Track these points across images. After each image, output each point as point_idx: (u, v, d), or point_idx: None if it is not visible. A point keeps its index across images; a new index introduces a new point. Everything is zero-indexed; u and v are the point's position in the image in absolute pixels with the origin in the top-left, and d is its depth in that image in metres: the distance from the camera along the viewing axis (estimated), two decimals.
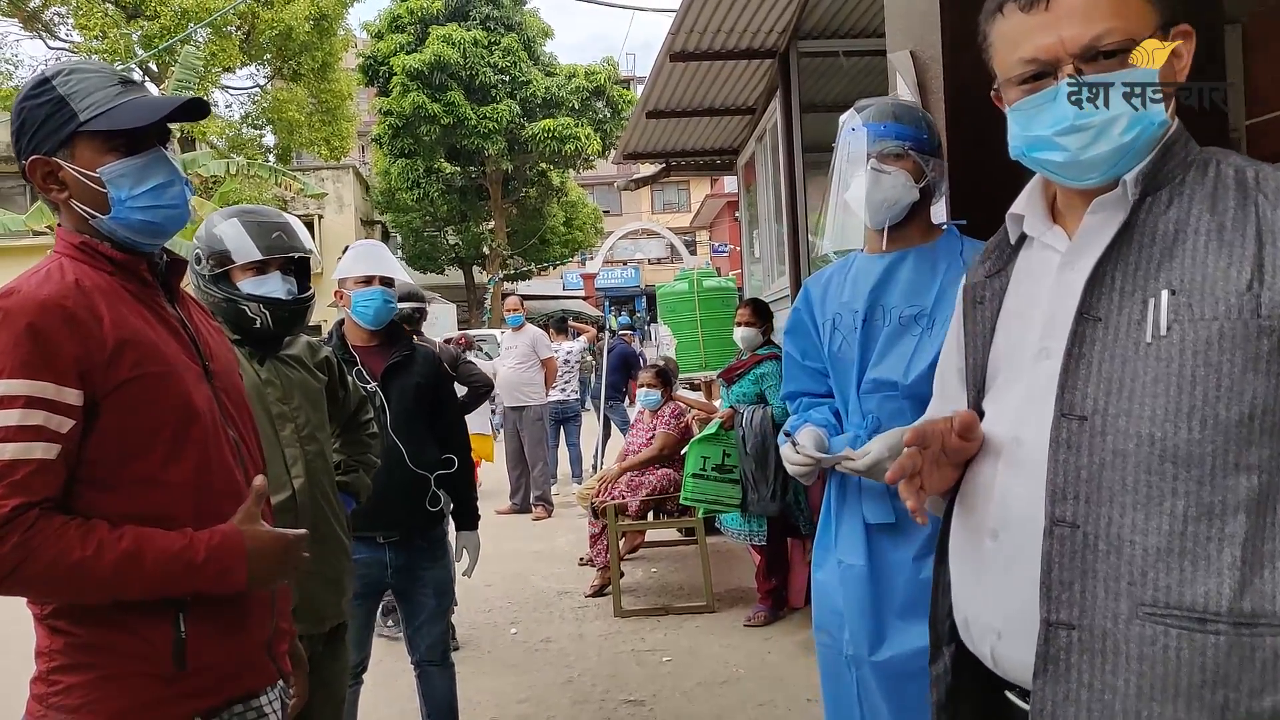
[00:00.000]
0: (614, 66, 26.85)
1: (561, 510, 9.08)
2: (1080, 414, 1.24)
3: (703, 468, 5.40)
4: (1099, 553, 1.20)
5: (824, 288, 2.53)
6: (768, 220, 8.26)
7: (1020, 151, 1.34)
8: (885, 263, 2.38)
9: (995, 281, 1.44)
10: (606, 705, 4.25)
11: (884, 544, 2.33)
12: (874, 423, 2.33)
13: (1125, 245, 1.26)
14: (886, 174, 2.32)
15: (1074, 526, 1.22)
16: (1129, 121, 1.24)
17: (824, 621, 2.49)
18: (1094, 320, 1.26)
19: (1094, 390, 1.24)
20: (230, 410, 1.65)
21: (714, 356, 8.53)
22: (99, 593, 1.42)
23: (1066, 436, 1.24)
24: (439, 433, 3.40)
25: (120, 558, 1.40)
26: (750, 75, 7.26)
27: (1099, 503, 1.21)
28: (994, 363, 1.42)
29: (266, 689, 1.65)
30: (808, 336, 2.56)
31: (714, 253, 34.00)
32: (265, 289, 2.38)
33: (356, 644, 3.12)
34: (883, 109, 2.40)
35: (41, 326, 1.40)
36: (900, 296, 2.34)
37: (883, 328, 2.34)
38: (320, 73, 22.34)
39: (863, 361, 2.36)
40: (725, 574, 6.31)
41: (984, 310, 1.44)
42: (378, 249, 3.43)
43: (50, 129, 1.50)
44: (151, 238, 1.59)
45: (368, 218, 30.09)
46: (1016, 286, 1.42)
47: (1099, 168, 1.28)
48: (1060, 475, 1.24)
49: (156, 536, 1.44)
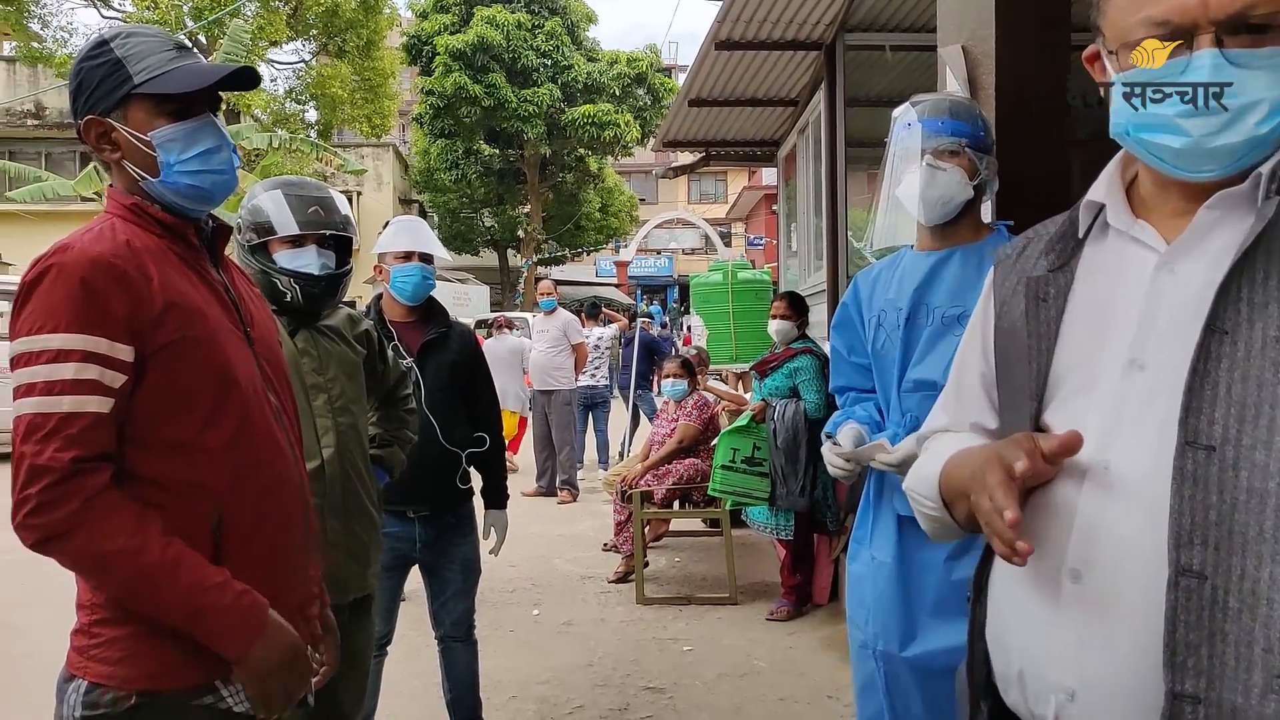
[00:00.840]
0: (656, 54, 26.78)
1: (586, 495, 9.10)
2: (1208, 443, 1.06)
3: (732, 459, 5.38)
4: (1229, 611, 1.03)
5: (872, 284, 2.53)
6: (806, 214, 8.21)
7: (1125, 131, 1.17)
8: (931, 261, 2.38)
9: (1059, 277, 1.27)
10: (627, 690, 4.25)
11: (915, 541, 2.32)
12: (912, 421, 2.32)
13: (1251, 251, 1.09)
14: (943, 170, 2.30)
15: (1201, 578, 1.04)
16: (1271, 109, 1.07)
17: (853, 614, 2.52)
18: (1220, 334, 1.08)
19: (1223, 416, 1.06)
20: (271, 377, 1.66)
21: (746, 349, 8.50)
22: (118, 586, 1.43)
23: (1193, 469, 1.06)
24: (472, 410, 3.40)
25: (158, 564, 1.40)
26: (795, 67, 7.21)
27: (1230, 550, 1.03)
28: (1059, 371, 1.23)
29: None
30: (854, 332, 2.56)
31: (749, 245, 33.90)
32: (298, 263, 2.40)
33: (383, 616, 3.15)
34: (939, 105, 2.38)
35: (95, 282, 1.41)
36: (945, 296, 2.33)
37: (925, 327, 2.33)
38: (364, 50, 22.48)
39: (904, 360, 2.36)
40: (748, 567, 6.30)
41: (1048, 309, 1.25)
42: (417, 224, 3.43)
43: (106, 90, 1.52)
44: (198, 203, 1.60)
45: (405, 196, 30.25)
46: (1086, 284, 1.24)
47: (1221, 160, 1.11)
48: (1187, 515, 1.05)
49: (198, 563, 1.44)
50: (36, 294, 1.41)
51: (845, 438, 2.41)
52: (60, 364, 1.38)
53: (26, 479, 1.37)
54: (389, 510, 3.07)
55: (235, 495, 1.52)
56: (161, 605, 1.43)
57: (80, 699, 1.47)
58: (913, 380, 2.33)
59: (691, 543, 7.03)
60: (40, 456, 1.37)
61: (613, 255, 35.44)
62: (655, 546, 6.86)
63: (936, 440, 1.44)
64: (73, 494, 1.37)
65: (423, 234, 3.36)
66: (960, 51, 3.42)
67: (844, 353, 2.60)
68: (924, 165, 2.30)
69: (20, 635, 4.92)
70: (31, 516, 1.37)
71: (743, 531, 6.21)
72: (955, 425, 1.43)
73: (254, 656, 1.48)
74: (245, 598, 1.47)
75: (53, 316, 1.39)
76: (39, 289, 1.41)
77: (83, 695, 1.47)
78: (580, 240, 29.23)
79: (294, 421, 1.71)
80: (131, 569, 1.40)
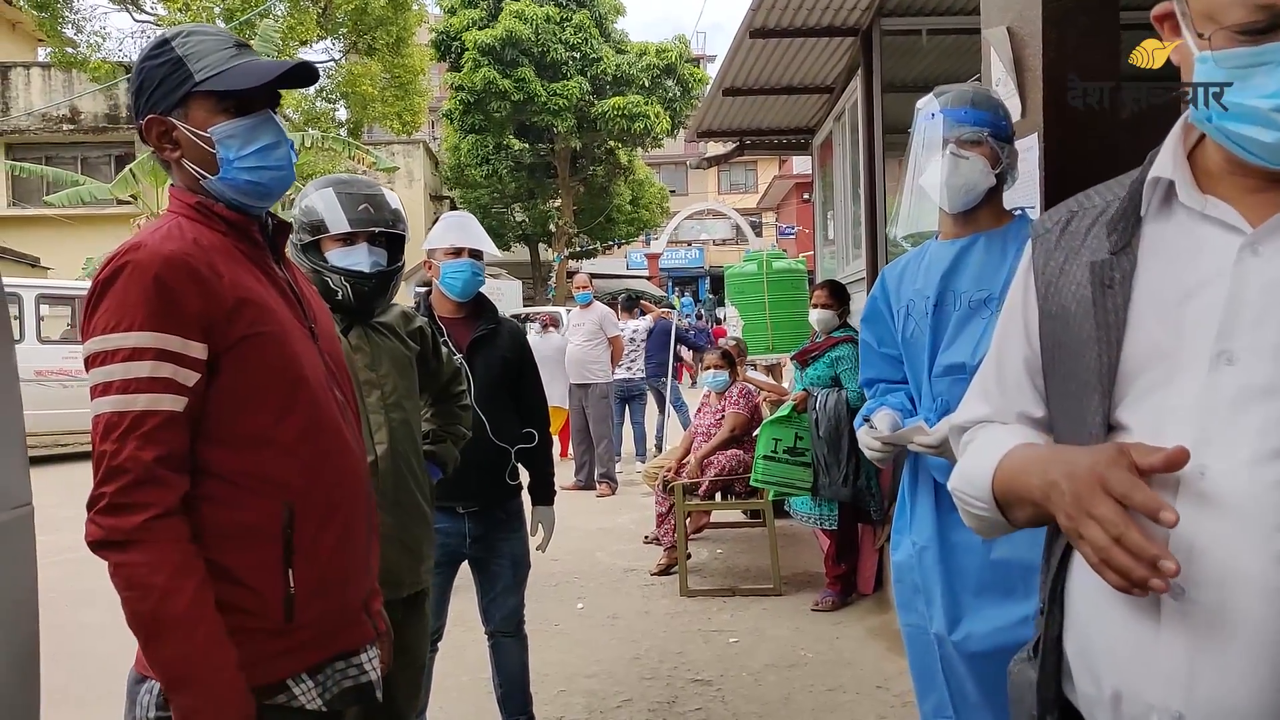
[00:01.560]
0: (685, 44, 26.66)
1: (625, 488, 9.10)
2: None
3: (774, 450, 5.36)
4: None
5: (899, 276, 2.58)
6: (844, 202, 8.14)
7: (1208, 118, 1.09)
8: (956, 249, 2.42)
9: (1123, 260, 1.17)
10: (674, 683, 4.24)
11: (952, 523, 2.34)
12: (943, 406, 2.37)
13: None
14: (965, 159, 2.35)
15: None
16: None
17: (906, 601, 2.54)
18: None
19: None
20: (335, 372, 1.66)
21: (781, 339, 8.45)
22: (132, 616, 1.40)
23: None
24: (521, 407, 3.40)
25: (179, 616, 1.37)
26: (830, 53, 7.14)
27: None
28: (1130, 363, 1.13)
29: (365, 646, 1.67)
30: (884, 324, 2.60)
31: (780, 234, 33.78)
32: (349, 261, 2.41)
33: (433, 613, 3.16)
34: (961, 95, 2.43)
35: (168, 280, 1.42)
36: (970, 281, 2.37)
37: (953, 313, 2.38)
38: (394, 47, 22.55)
39: (934, 346, 2.40)
40: (791, 557, 6.27)
41: (1114, 296, 1.15)
42: (468, 221, 3.43)
43: (167, 89, 1.53)
44: (257, 199, 1.61)
45: (436, 193, 30.36)
46: (1154, 267, 1.15)
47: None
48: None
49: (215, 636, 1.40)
50: (111, 292, 1.42)
51: (881, 422, 2.47)
52: (135, 362, 1.39)
53: (104, 477, 1.39)
54: (439, 507, 3.09)
55: (306, 490, 1.52)
56: (157, 656, 1.39)
57: (154, 700, 1.48)
58: (943, 365, 2.37)
59: (733, 534, 7.01)
60: (118, 456, 1.38)
61: (643, 248, 35.48)
62: (697, 538, 6.84)
63: (980, 434, 1.35)
64: (144, 505, 1.37)
65: (473, 230, 3.37)
66: (1005, 33, 3.37)
67: (874, 344, 2.65)
68: (947, 154, 2.35)
69: (78, 634, 4.99)
70: (101, 515, 1.38)
71: (784, 522, 6.18)
72: (998, 415, 1.34)
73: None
74: (236, 693, 1.40)
75: (127, 315, 1.40)
76: (113, 287, 1.42)
77: (156, 697, 1.48)
78: (611, 233, 29.21)
79: (357, 417, 1.72)
80: (154, 609, 1.38)
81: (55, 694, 4.12)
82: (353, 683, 1.64)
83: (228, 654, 1.42)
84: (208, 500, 1.46)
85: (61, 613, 5.36)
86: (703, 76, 26.28)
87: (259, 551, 1.48)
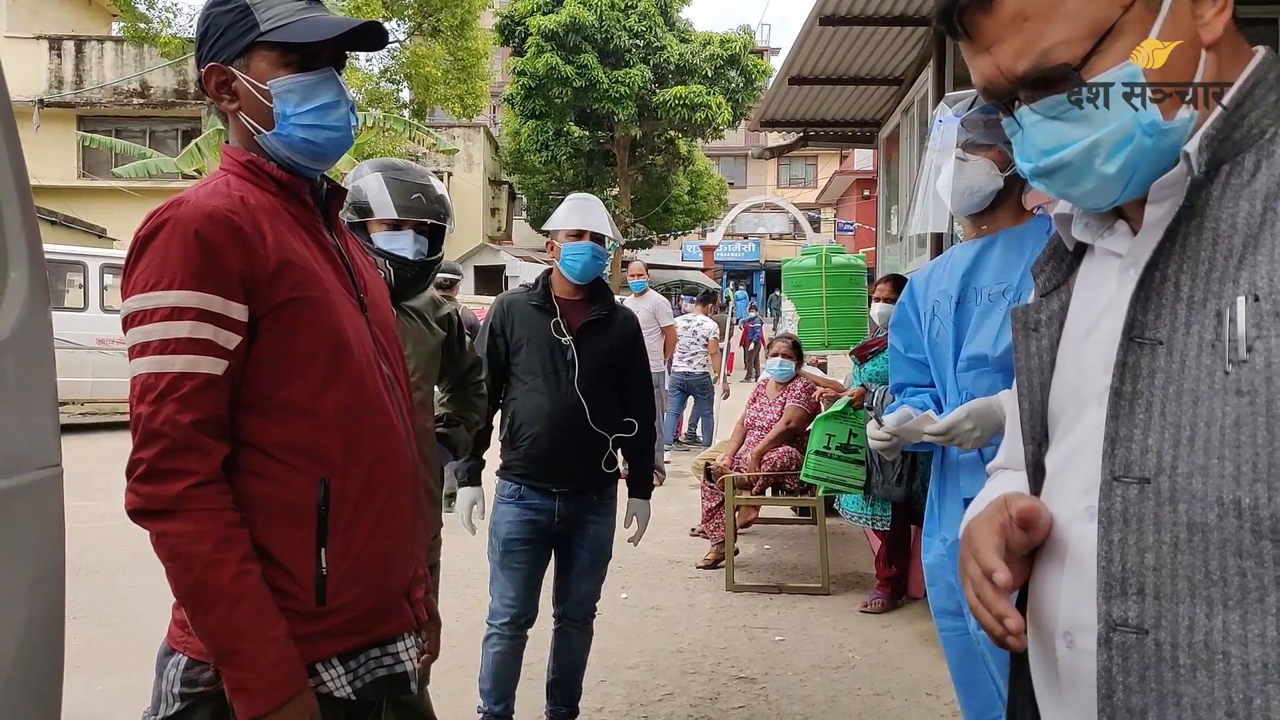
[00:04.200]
0: (750, 35, 26.44)
1: (673, 478, 9.03)
2: (1140, 475, 0.92)
3: (827, 445, 5.23)
4: (1180, 669, 0.88)
5: (926, 282, 2.63)
6: (909, 197, 7.97)
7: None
8: (976, 248, 2.47)
9: (1053, 301, 1.11)
10: (717, 679, 4.16)
11: None
12: (969, 399, 2.36)
13: (1192, 239, 0.94)
14: (968, 162, 2.39)
15: (1140, 632, 0.91)
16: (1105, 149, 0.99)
17: (944, 604, 2.53)
18: (1151, 345, 0.94)
19: (1156, 441, 0.92)
20: (383, 344, 1.60)
21: (838, 335, 8.32)
22: (177, 587, 1.36)
23: (1122, 508, 0.93)
24: (625, 395, 3.36)
25: (224, 588, 1.33)
26: (901, 44, 6.98)
27: (1175, 599, 0.89)
28: (1054, 403, 1.08)
29: (404, 635, 1.60)
30: (911, 329, 2.66)
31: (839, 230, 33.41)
32: (395, 245, 2.54)
33: (523, 594, 3.25)
34: (971, 100, 2.46)
35: (210, 237, 1.36)
36: (990, 277, 2.41)
37: (974, 308, 2.42)
38: (458, 30, 22.67)
39: (958, 342, 2.44)
40: (840, 557, 6.16)
41: (1039, 339, 1.10)
42: (591, 203, 3.41)
43: (231, 37, 1.48)
44: (311, 160, 1.55)
45: (496, 177, 30.53)
46: (1077, 303, 1.09)
47: (1105, 195, 1.02)
48: (1117, 561, 0.92)
49: (264, 606, 1.36)
50: (151, 249, 1.37)
51: (891, 418, 2.52)
52: (175, 321, 1.34)
53: (141, 441, 1.33)
54: (533, 487, 3.18)
55: (346, 465, 1.46)
56: (203, 627, 1.35)
57: (180, 674, 1.44)
58: (966, 359, 2.40)
59: (781, 530, 6.91)
60: (155, 420, 1.33)
61: (699, 239, 35.32)
62: (744, 533, 6.75)
63: (989, 482, 1.32)
64: (184, 471, 1.32)
65: (596, 213, 3.35)
66: None
67: (901, 349, 2.71)
68: (954, 158, 2.41)
69: (124, 599, 5.05)
70: (140, 482, 1.33)
71: (834, 520, 6.06)
72: (1009, 462, 1.28)
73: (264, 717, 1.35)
74: (284, 666, 1.36)
75: (167, 272, 1.35)
76: (153, 244, 1.37)
77: (182, 671, 1.44)
78: (668, 223, 29.13)
79: (406, 392, 1.65)
80: (198, 580, 1.33)
81: (98, 657, 4.18)
82: (387, 672, 1.57)
83: (276, 626, 1.36)
84: (241, 472, 1.40)
85: (113, 576, 5.43)
86: (766, 68, 26.05)
87: (292, 529, 1.42)
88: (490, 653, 3.27)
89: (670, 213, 28.59)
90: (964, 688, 2.53)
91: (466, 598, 4.99)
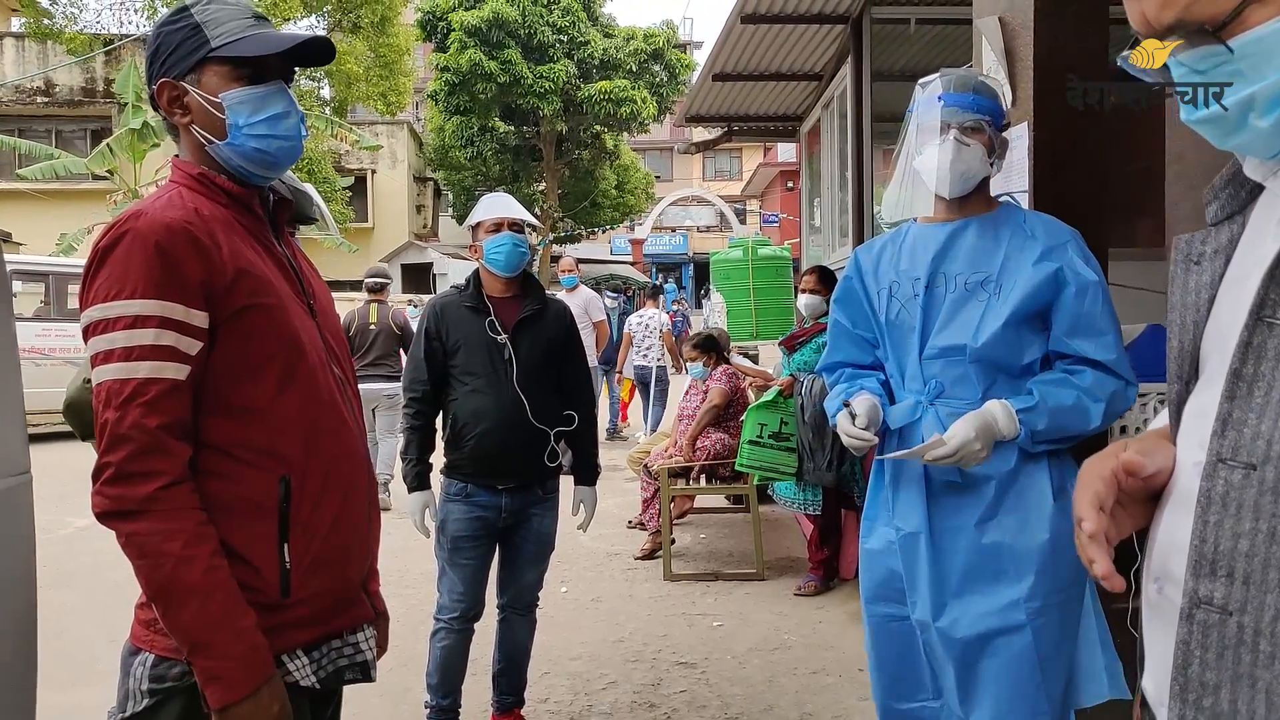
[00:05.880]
0: (673, 30, 26.56)
1: (608, 472, 9.10)
2: (1248, 461, 0.90)
3: (759, 434, 5.37)
4: (1260, 655, 0.89)
5: (876, 257, 2.53)
6: (831, 189, 8.16)
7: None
8: (947, 231, 2.39)
9: (1221, 233, 1.03)
10: (658, 666, 4.27)
11: (945, 510, 2.33)
12: (937, 388, 2.34)
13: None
14: (967, 146, 2.32)
15: (1225, 612, 0.91)
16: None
17: (880, 591, 2.45)
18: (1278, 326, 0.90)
19: (1269, 429, 0.90)
20: (334, 347, 1.66)
21: (766, 325, 8.48)
22: (148, 585, 1.40)
23: (1224, 490, 0.92)
24: (564, 388, 3.40)
25: (195, 584, 1.38)
26: (820, 40, 7.15)
27: (1264, 587, 0.89)
28: (1206, 347, 1.02)
29: (363, 625, 1.67)
30: (859, 305, 2.55)
31: (764, 222, 33.78)
32: None
33: (471, 589, 3.29)
34: (966, 80, 2.39)
35: (169, 248, 1.41)
36: (964, 264, 2.34)
37: (946, 295, 2.34)
38: (379, 26, 22.40)
39: (925, 328, 2.36)
40: (774, 543, 6.30)
41: (1200, 274, 1.03)
42: (505, 198, 3.46)
43: (183, 53, 1.53)
44: (263, 168, 1.60)
45: (420, 174, 30.19)
46: (1247, 243, 1.01)
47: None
48: (1211, 542, 0.93)
49: (232, 599, 1.41)
50: (111, 260, 1.41)
51: (861, 406, 2.38)
52: (138, 329, 1.38)
53: (108, 446, 1.38)
54: (480, 484, 3.20)
55: (304, 464, 1.52)
56: (175, 622, 1.40)
57: (147, 672, 1.48)
58: (937, 347, 2.33)
59: (717, 519, 7.04)
60: (122, 424, 1.37)
61: (628, 233, 35.42)
62: (681, 523, 6.87)
63: (1157, 418, 1.27)
64: (153, 473, 1.37)
65: (511, 204, 3.39)
66: (997, 23, 3.39)
67: (848, 325, 2.58)
68: (952, 140, 2.31)
69: (53, 615, 4.96)
70: (108, 486, 1.38)
71: (768, 507, 6.20)
72: None
73: (234, 714, 1.40)
74: (255, 655, 1.42)
75: (129, 282, 1.39)
76: (114, 255, 1.41)
77: (149, 668, 1.48)
78: (596, 218, 29.13)
79: (355, 393, 1.71)
80: (170, 576, 1.38)
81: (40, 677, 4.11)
82: (348, 661, 1.64)
83: (246, 616, 1.42)
84: (204, 473, 1.45)
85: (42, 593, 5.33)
86: (690, 62, 26.20)
87: (255, 526, 1.48)
88: (438, 647, 3.32)
89: (598, 207, 28.61)
90: (886, 674, 2.48)
91: (407, 599, 5.01)
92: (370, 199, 27.54)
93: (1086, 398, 2.22)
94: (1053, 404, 2.20)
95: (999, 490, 2.27)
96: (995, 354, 2.26)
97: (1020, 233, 2.33)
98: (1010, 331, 2.25)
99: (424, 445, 3.36)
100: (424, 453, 3.36)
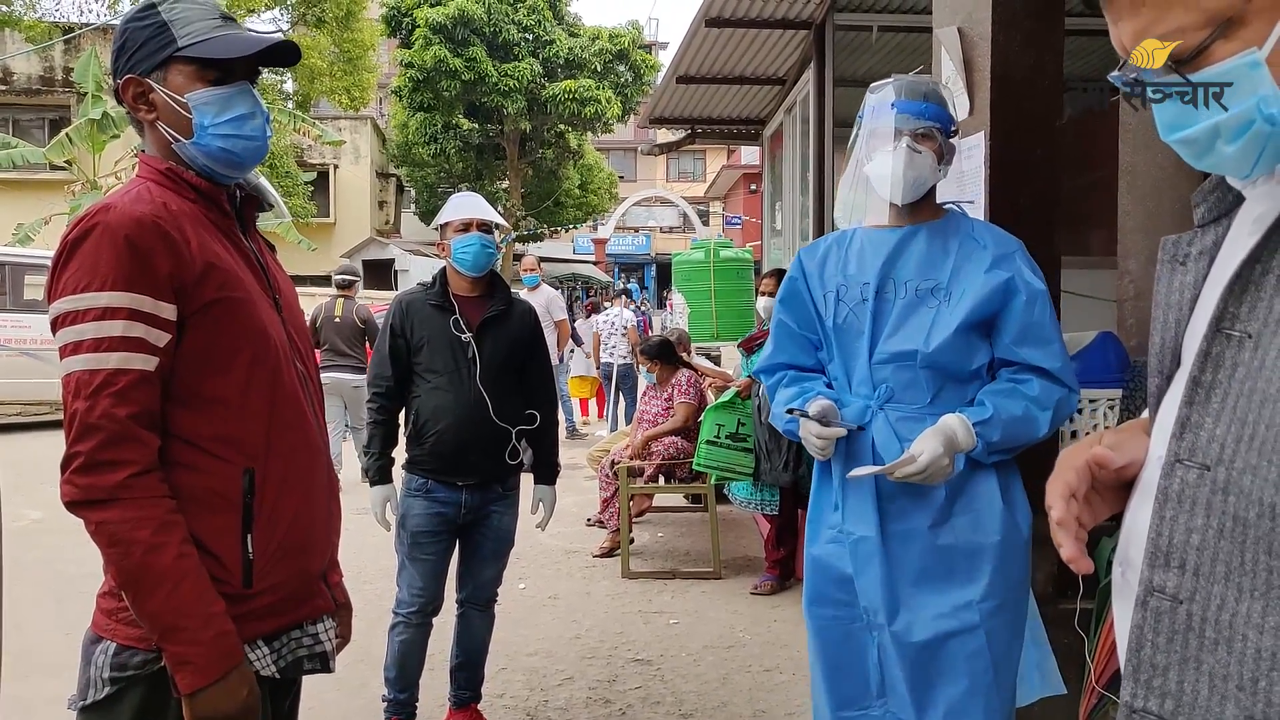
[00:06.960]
0: (639, 30, 26.61)
1: (569, 471, 9.11)
2: (1202, 462, 0.97)
3: (717, 435, 5.43)
4: (1205, 640, 0.96)
5: (820, 260, 2.51)
6: (792, 193, 8.25)
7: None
8: (897, 237, 2.39)
9: (1207, 235, 1.08)
10: (614, 662, 4.30)
11: (897, 513, 2.32)
12: (887, 393, 2.34)
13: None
14: (919, 153, 2.33)
15: (1176, 601, 0.98)
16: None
17: (827, 593, 2.41)
18: (1240, 338, 0.97)
19: (1223, 433, 0.96)
20: (297, 342, 1.68)
21: (726, 327, 8.54)
22: (118, 573, 1.42)
23: (1179, 488, 0.99)
24: (527, 387, 3.43)
25: (165, 570, 1.40)
26: (784, 46, 7.23)
27: (1212, 578, 0.96)
28: (1188, 343, 1.06)
29: (323, 616, 1.70)
30: (804, 307, 2.52)
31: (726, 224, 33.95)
32: None
33: (429, 584, 3.31)
34: (917, 87, 2.39)
35: (139, 241, 1.43)
36: (914, 270, 2.35)
37: (896, 300, 2.35)
38: (343, 21, 22.26)
39: (875, 333, 2.36)
40: (731, 542, 6.36)
41: (1184, 274, 1.08)
42: (474, 197, 3.49)
43: (149, 51, 1.54)
44: (229, 168, 1.62)
45: (383, 170, 30.00)
46: (1230, 246, 1.05)
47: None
48: (1166, 535, 0.99)
49: (201, 586, 1.43)
50: (80, 252, 1.43)
51: (815, 409, 2.34)
52: (107, 321, 1.40)
53: (78, 435, 1.39)
54: (440, 481, 3.22)
55: (268, 456, 1.54)
56: (145, 608, 1.41)
57: (109, 660, 1.49)
58: (887, 352, 2.33)
59: (675, 518, 7.10)
60: (92, 414, 1.39)
61: (591, 233, 35.42)
62: (639, 522, 6.91)
63: None
64: (123, 462, 1.39)
65: (480, 205, 3.42)
66: (956, 33, 3.46)
67: (793, 326, 2.53)
68: (905, 147, 2.32)
69: (10, 608, 4.89)
70: (78, 475, 1.39)
71: (725, 507, 6.26)
72: None
73: (204, 698, 1.43)
74: (225, 640, 1.44)
75: (99, 274, 1.41)
76: (83, 248, 1.43)
77: (111, 657, 1.49)
78: (559, 217, 29.11)
79: (317, 388, 1.74)
80: (140, 564, 1.40)
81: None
82: (308, 652, 1.67)
83: (215, 603, 1.45)
84: (170, 464, 1.47)
85: None
86: (655, 63, 26.26)
87: (219, 517, 1.50)
88: (396, 641, 3.34)
89: (561, 206, 28.59)
90: (832, 677, 2.43)
91: (366, 594, 5.01)
92: (332, 194, 27.34)
93: (1035, 407, 2.25)
94: (1005, 415, 2.23)
95: (950, 493, 2.28)
96: (945, 360, 2.28)
97: (970, 241, 2.35)
98: (960, 338, 2.27)
99: (386, 440, 3.39)
100: (386, 447, 3.39)
